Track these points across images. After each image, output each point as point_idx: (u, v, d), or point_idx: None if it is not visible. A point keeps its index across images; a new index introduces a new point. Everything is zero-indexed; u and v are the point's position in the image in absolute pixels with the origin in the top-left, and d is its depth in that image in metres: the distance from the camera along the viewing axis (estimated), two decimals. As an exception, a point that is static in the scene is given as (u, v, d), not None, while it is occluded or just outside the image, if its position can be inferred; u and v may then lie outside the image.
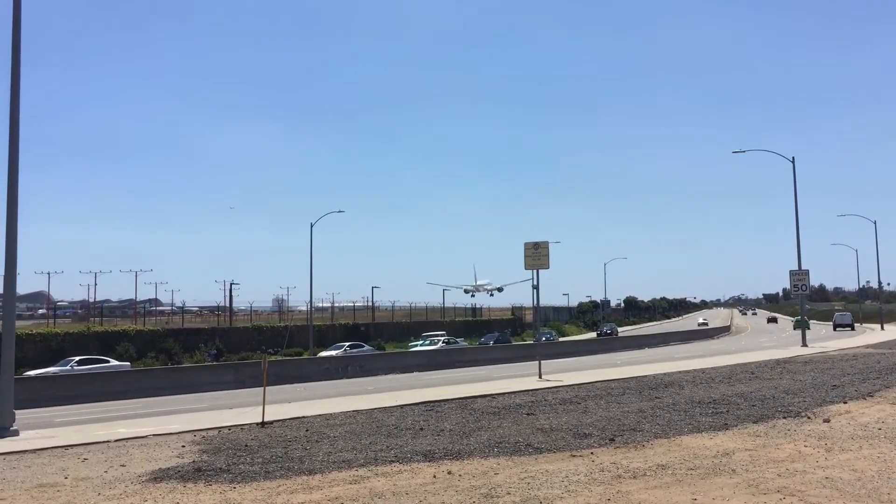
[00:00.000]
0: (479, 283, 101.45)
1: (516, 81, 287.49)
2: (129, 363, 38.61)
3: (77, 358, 34.69)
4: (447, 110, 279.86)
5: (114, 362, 35.84)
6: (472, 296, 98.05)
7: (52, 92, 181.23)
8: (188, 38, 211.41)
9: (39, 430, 15.33)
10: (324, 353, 44.36)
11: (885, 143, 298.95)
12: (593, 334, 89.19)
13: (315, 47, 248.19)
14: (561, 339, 67.78)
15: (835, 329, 73.98)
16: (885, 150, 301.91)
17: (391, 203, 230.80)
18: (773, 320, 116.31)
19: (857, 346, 37.44)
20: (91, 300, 75.94)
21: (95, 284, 77.69)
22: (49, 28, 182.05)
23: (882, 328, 68.57)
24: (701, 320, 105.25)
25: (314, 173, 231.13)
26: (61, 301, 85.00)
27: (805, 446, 10.09)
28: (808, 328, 64.25)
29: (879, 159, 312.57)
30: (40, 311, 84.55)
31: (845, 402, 14.62)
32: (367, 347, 47.38)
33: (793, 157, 42.58)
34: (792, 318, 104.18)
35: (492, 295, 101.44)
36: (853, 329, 72.30)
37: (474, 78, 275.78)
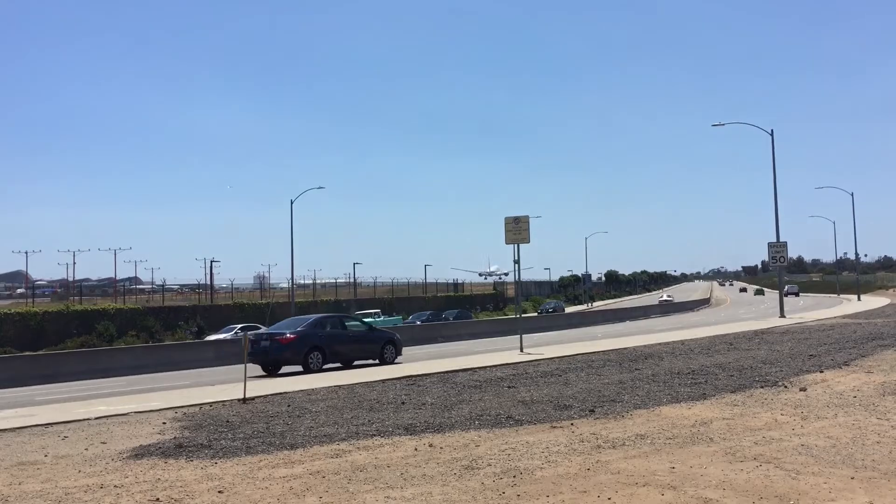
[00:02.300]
0: (491, 268, 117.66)
1: (495, 57, 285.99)
2: None
3: None
4: (426, 87, 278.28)
5: None
6: (486, 279, 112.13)
7: (27, 74, 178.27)
8: (164, 20, 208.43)
9: (19, 408, 15.24)
10: (211, 337, 39.15)
11: (862, 115, 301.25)
12: (578, 307, 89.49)
13: (292, 25, 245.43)
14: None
15: (785, 296, 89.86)
16: (862, 123, 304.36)
17: (371, 180, 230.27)
18: (743, 290, 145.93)
19: (835, 317, 37.93)
20: (70, 279, 75.57)
21: (74, 263, 77.39)
22: (24, 11, 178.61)
23: (859, 299, 69.46)
24: (665, 297, 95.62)
25: (294, 151, 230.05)
26: (40, 280, 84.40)
27: (782, 415, 10.22)
28: (763, 294, 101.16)
29: (856, 132, 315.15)
30: (19, 291, 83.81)
31: (822, 372, 14.81)
32: (262, 329, 41.19)
33: (771, 130, 42.78)
34: (754, 287, 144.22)
35: (500, 279, 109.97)
36: (798, 296, 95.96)
37: (453, 55, 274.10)
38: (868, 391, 12.16)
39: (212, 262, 67.48)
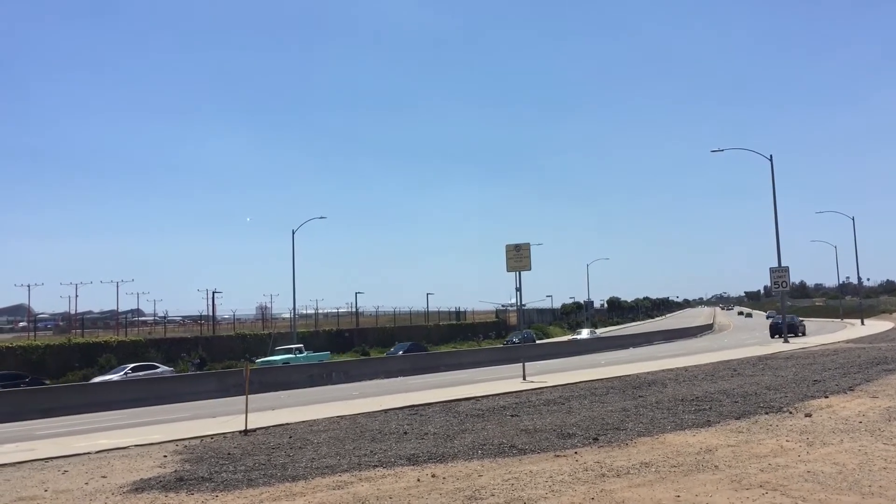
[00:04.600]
0: (512, 300, 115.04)
1: (494, 87, 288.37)
2: None
3: None
4: (426, 116, 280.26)
5: None
6: (508, 310, 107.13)
7: (28, 105, 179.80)
8: (164, 52, 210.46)
9: (19, 443, 15.15)
10: (98, 379, 34.51)
11: (862, 140, 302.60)
12: (571, 336, 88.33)
13: (292, 55, 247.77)
14: (545, 341, 67.59)
15: (767, 318, 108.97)
16: (862, 148, 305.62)
17: (374, 209, 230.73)
18: (740, 313, 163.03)
19: (838, 342, 37.76)
20: (72, 312, 75.39)
21: (76, 296, 77.58)
22: (25, 43, 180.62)
23: (862, 323, 69.17)
24: (584, 334, 67.81)
25: (296, 181, 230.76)
26: (42, 313, 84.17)
27: (787, 441, 10.14)
28: (751, 316, 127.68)
29: (856, 156, 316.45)
30: (21, 324, 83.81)
31: (826, 397, 14.72)
32: (161, 368, 37.74)
33: (770, 156, 42.95)
34: (743, 310, 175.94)
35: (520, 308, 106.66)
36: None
37: (454, 85, 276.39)
38: (873, 416, 12.08)
39: (214, 293, 67.41)
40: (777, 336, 49.72)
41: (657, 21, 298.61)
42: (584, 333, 67.40)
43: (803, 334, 51.25)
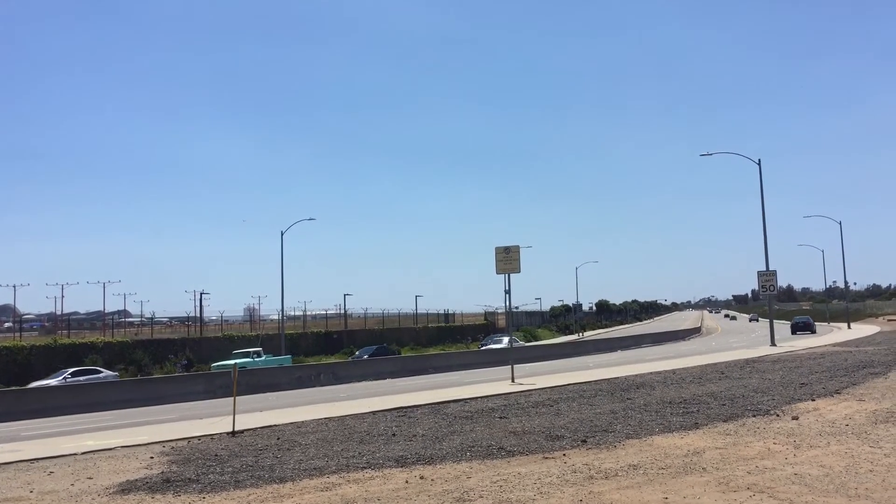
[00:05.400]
0: (502, 303, 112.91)
1: (488, 87, 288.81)
2: None
3: None
4: (424, 115, 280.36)
5: None
6: (493, 313, 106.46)
7: (16, 105, 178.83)
8: (156, 49, 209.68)
9: (4, 444, 15.03)
10: (35, 384, 33.95)
11: (850, 145, 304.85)
12: (569, 337, 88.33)
13: (286, 56, 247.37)
14: (532, 344, 67.43)
15: (750, 321, 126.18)
16: (850, 153, 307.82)
17: (362, 211, 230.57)
18: (727, 316, 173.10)
19: (825, 345, 37.95)
20: (58, 312, 74.96)
21: (62, 297, 76.84)
22: (16, 42, 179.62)
23: (849, 327, 69.55)
24: (504, 343, 54.72)
25: (286, 181, 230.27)
26: (28, 314, 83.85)
27: (774, 444, 10.18)
28: (735, 319, 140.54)
29: (844, 161, 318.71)
30: (6, 325, 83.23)
31: (813, 400, 14.79)
32: (105, 373, 36.88)
33: (759, 160, 43.13)
34: (729, 313, 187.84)
35: (517, 310, 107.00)
36: (758, 321, 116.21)
37: (447, 84, 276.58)
38: (860, 419, 12.15)
39: (201, 294, 67.06)
40: (797, 333, 59.41)
41: (657, 21, 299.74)
42: (504, 342, 61.41)
43: (814, 332, 60.08)
